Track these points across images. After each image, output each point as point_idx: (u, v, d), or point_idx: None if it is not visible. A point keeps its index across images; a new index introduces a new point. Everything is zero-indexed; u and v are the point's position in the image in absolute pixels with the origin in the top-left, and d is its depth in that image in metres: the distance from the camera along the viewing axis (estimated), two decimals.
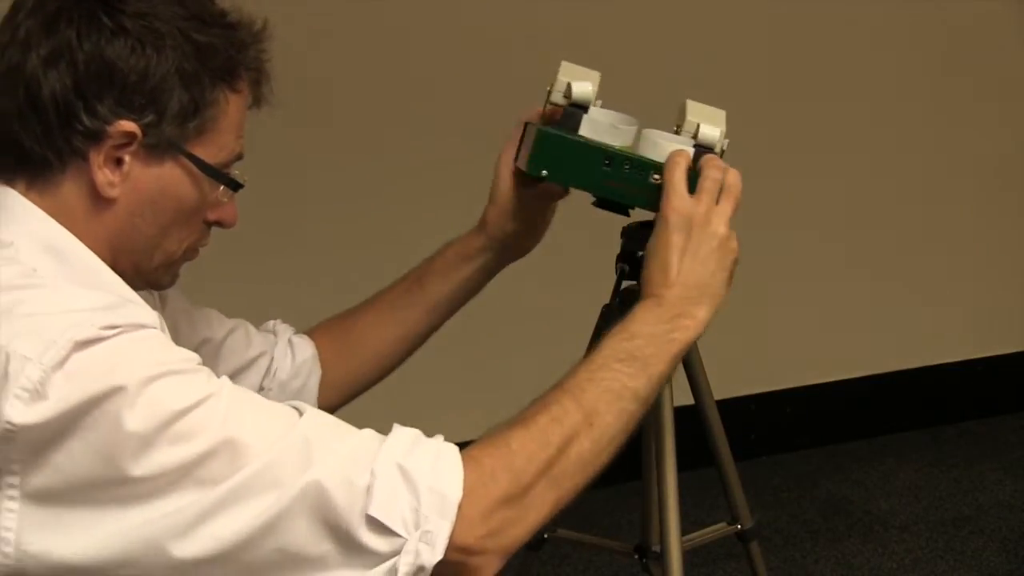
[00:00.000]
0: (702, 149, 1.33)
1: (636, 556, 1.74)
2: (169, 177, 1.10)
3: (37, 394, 0.94)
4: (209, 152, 1.11)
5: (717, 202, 1.26)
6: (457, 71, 2.65)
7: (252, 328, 1.45)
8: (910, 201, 3.19)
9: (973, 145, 3.22)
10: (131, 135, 1.06)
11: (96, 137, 1.05)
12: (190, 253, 1.18)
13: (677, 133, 1.35)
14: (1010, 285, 3.37)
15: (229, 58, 1.10)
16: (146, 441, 0.95)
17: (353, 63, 2.58)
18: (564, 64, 1.35)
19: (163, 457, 0.95)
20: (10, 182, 1.08)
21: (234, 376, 1.38)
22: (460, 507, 1.00)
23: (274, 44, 1.15)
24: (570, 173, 1.33)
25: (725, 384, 1.94)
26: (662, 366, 1.18)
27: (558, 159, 1.32)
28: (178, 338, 1.35)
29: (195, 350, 1.36)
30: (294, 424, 1.01)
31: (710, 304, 1.23)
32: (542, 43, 2.64)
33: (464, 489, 1.01)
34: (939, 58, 3.13)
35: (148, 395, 0.96)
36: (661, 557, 1.50)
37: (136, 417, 0.95)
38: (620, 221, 1.39)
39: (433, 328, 1.49)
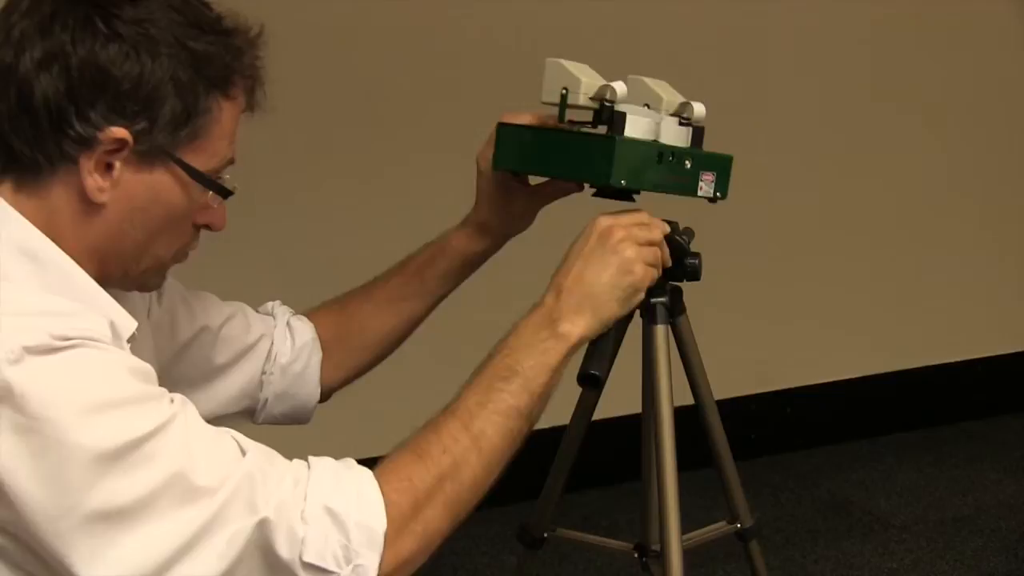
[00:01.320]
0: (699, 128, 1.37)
1: (636, 556, 1.74)
2: (159, 183, 1.09)
3: None
4: (201, 158, 1.10)
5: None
6: (446, 66, 2.66)
7: (251, 311, 1.45)
8: (910, 201, 3.19)
9: (973, 145, 3.23)
10: (122, 141, 1.05)
11: (87, 143, 1.04)
12: (179, 256, 1.17)
13: (649, 108, 1.36)
14: (1010, 285, 3.37)
15: (224, 66, 1.09)
16: (100, 468, 0.94)
17: (336, 57, 2.58)
18: (550, 61, 1.31)
19: (117, 487, 0.94)
20: None
21: (235, 362, 1.40)
22: (386, 536, 1.05)
23: (271, 47, 1.15)
24: (642, 177, 1.31)
25: (725, 384, 1.94)
26: (542, 378, 1.20)
27: (634, 165, 1.29)
28: (176, 330, 1.35)
29: (193, 339, 1.36)
30: (239, 459, 1.02)
31: (593, 316, 1.24)
32: (526, 40, 2.65)
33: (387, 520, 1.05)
34: (940, 58, 3.13)
35: (99, 422, 0.94)
36: (661, 557, 1.50)
37: (88, 442, 0.93)
38: None
39: (430, 312, 1.51)
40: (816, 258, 3.12)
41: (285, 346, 1.44)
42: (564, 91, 1.29)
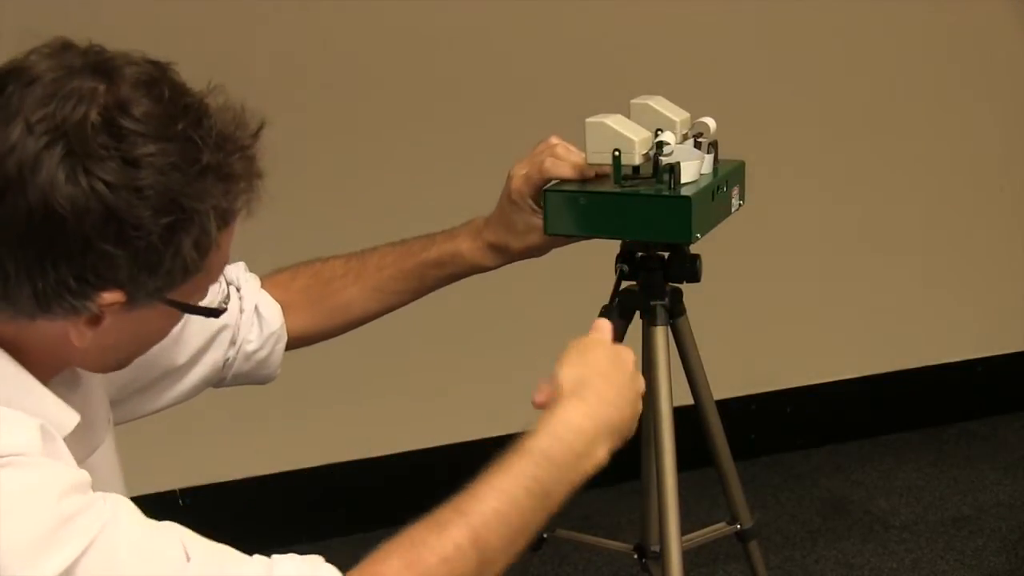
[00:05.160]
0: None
1: (636, 556, 1.74)
2: (148, 317, 1.02)
3: None
4: (197, 288, 1.04)
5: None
6: (457, 69, 2.66)
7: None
8: (910, 201, 3.19)
9: (973, 145, 3.22)
10: (116, 302, 0.98)
11: (78, 310, 0.97)
12: None
13: (691, 140, 1.36)
14: (1010, 285, 3.37)
15: (225, 209, 0.99)
16: None
17: (338, 57, 2.58)
18: (591, 122, 1.28)
19: None
20: None
21: (198, 358, 1.33)
22: None
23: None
24: (706, 222, 1.29)
25: (725, 384, 1.94)
26: (559, 497, 1.10)
27: (703, 214, 1.27)
28: None
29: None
30: (182, 564, 0.93)
31: (613, 444, 1.14)
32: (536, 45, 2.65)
33: None
34: (941, 58, 3.13)
35: (33, 556, 0.88)
36: (661, 557, 1.51)
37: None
38: None
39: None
40: (815, 258, 3.12)
41: (252, 333, 1.38)
42: (617, 153, 1.26)
